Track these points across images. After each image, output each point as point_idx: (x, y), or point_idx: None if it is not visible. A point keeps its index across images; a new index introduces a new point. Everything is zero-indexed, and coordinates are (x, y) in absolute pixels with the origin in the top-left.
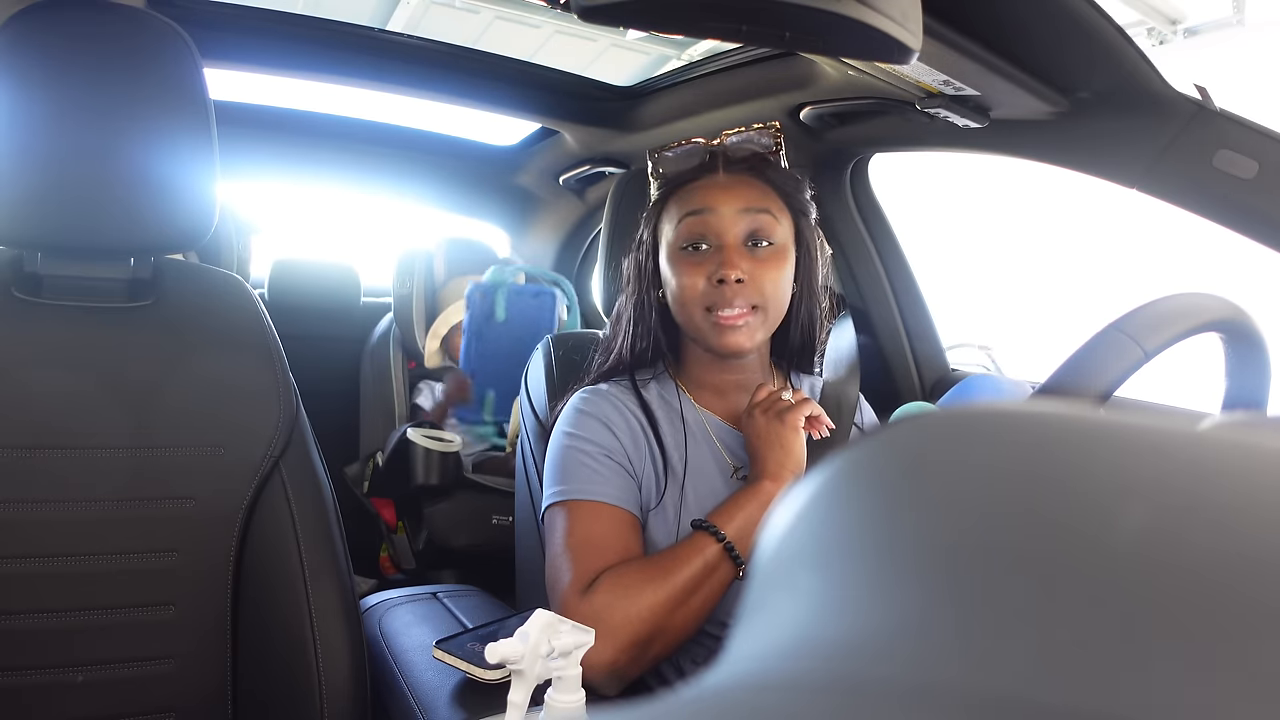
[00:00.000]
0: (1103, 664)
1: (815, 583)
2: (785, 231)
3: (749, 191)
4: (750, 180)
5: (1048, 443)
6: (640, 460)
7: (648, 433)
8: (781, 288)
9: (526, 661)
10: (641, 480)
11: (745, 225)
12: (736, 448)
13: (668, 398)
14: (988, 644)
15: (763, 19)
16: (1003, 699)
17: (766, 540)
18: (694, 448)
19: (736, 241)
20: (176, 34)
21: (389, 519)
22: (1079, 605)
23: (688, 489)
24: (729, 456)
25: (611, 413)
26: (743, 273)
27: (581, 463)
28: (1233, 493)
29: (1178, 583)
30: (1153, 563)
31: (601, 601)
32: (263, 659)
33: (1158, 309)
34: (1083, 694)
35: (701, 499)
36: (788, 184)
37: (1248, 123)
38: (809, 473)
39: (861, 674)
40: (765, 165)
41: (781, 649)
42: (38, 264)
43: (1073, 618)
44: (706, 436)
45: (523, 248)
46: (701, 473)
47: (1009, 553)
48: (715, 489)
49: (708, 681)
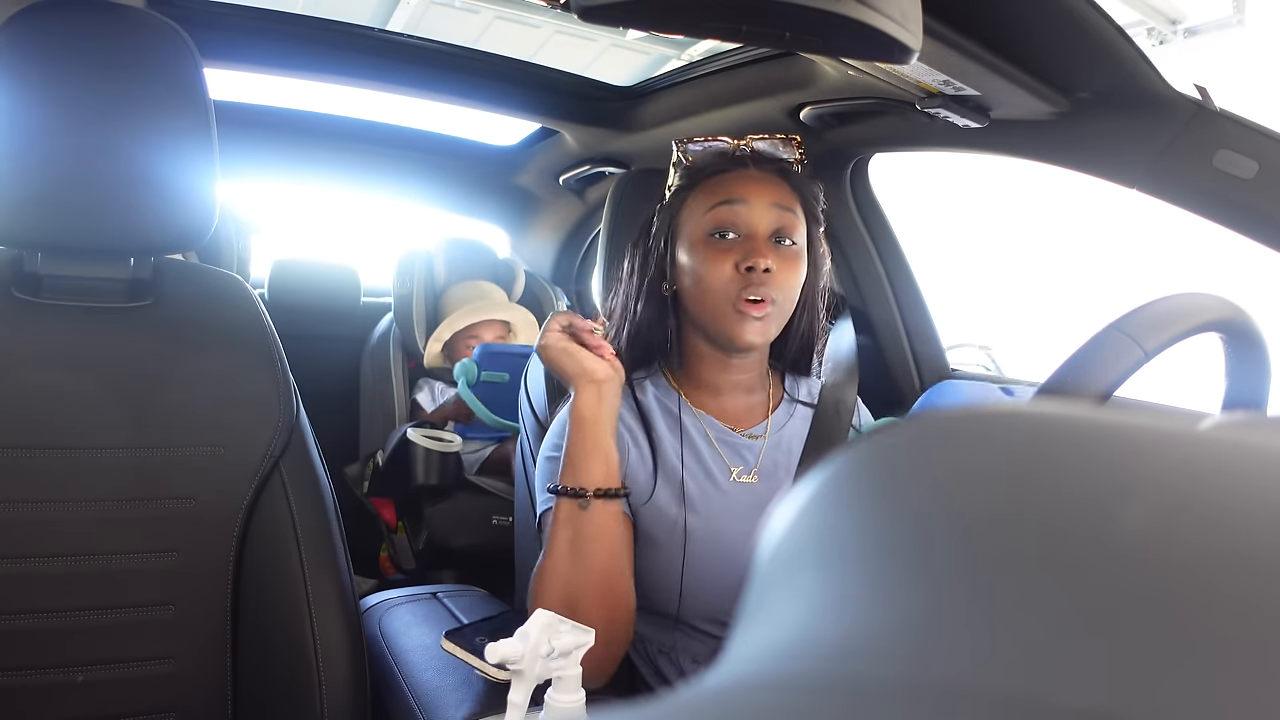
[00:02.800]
0: (1101, 663)
1: (815, 583)
2: (803, 235)
3: (778, 189)
4: (778, 180)
5: (1046, 443)
6: (624, 461)
7: (637, 435)
8: (796, 287)
9: (526, 661)
10: (627, 478)
11: (774, 220)
12: (735, 450)
13: (664, 400)
14: (986, 643)
15: (763, 19)
16: (1002, 698)
17: (766, 541)
18: (689, 451)
19: (766, 234)
20: (176, 34)
21: (389, 519)
22: (1077, 605)
23: (689, 487)
24: (727, 459)
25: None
26: (771, 264)
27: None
28: (1232, 492)
29: (1176, 582)
30: (1151, 562)
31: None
32: (263, 659)
33: (1158, 309)
34: (1081, 693)
35: (708, 498)
36: (808, 191)
37: (1248, 123)
38: (809, 473)
39: (862, 674)
40: (790, 169)
41: (781, 649)
42: (38, 264)
43: (1071, 617)
44: (705, 439)
45: (523, 248)
46: (701, 475)
47: (1008, 552)
48: (717, 489)
49: (708, 681)
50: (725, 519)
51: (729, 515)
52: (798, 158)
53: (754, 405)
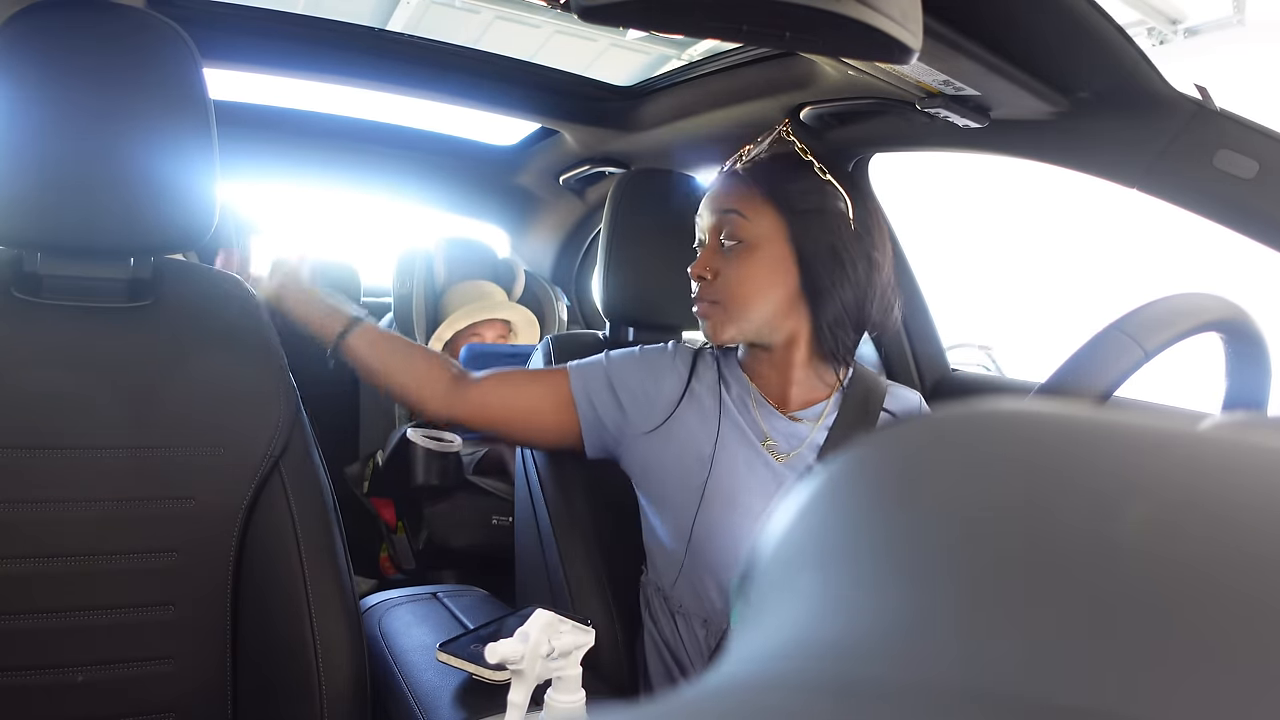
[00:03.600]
0: (1100, 662)
1: (815, 583)
2: (759, 229)
3: (727, 194)
4: (734, 182)
5: (1047, 443)
6: (634, 394)
7: (676, 379)
8: (745, 284)
9: (526, 662)
10: (622, 408)
11: (717, 225)
12: (767, 421)
13: (727, 366)
14: (987, 643)
15: (763, 19)
16: (1002, 698)
17: (766, 541)
18: (732, 420)
19: (713, 241)
20: (176, 34)
21: (389, 519)
22: (1076, 604)
23: (720, 451)
24: (763, 423)
25: (658, 358)
26: (708, 271)
27: (596, 360)
28: (1232, 492)
29: (1176, 582)
30: (1151, 562)
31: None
32: (263, 659)
33: (1158, 309)
34: (1080, 692)
35: (733, 461)
36: (775, 179)
37: (1248, 123)
38: (809, 473)
39: (862, 674)
40: (755, 164)
41: (782, 649)
42: (37, 264)
43: (1070, 617)
44: (744, 402)
45: (523, 248)
46: (735, 442)
47: (1008, 552)
48: (745, 459)
49: (708, 681)
50: (743, 489)
51: (747, 486)
52: (765, 150)
53: (807, 392)
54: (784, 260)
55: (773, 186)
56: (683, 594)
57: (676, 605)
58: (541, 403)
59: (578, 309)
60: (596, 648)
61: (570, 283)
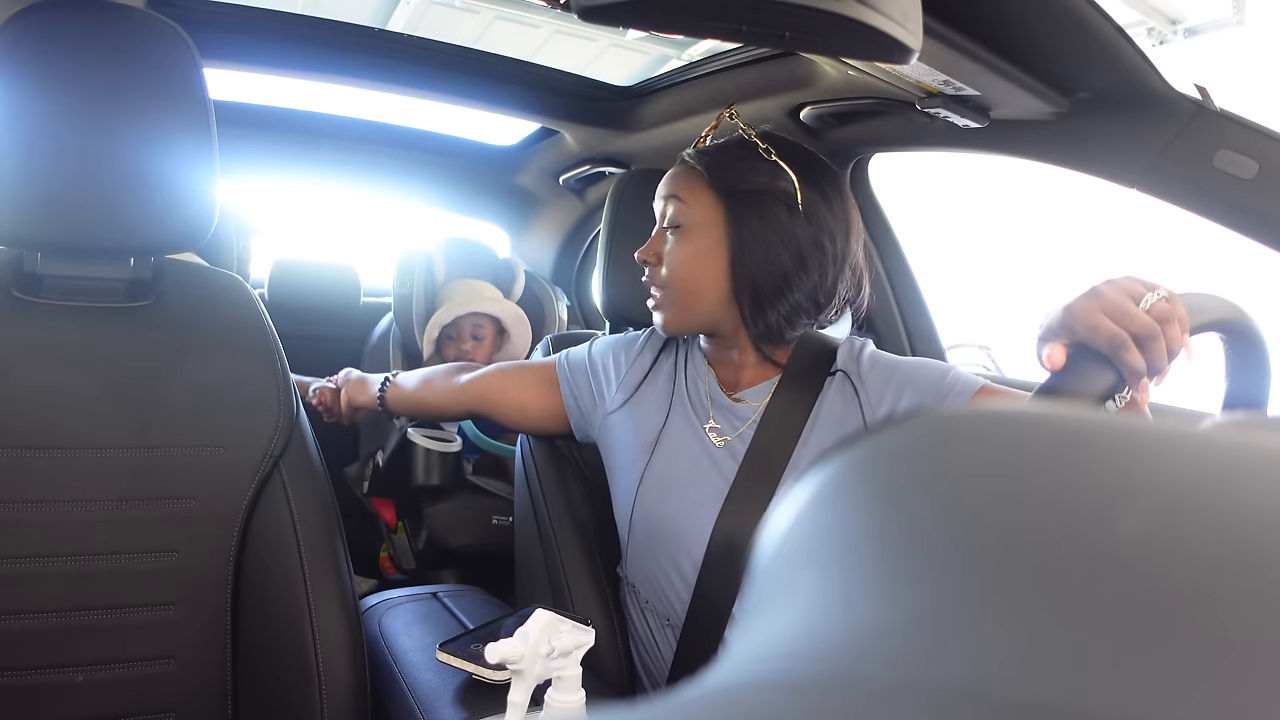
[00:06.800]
0: (1099, 664)
1: (815, 583)
2: (698, 212)
3: (672, 179)
4: (679, 168)
5: (1046, 443)
6: (604, 377)
7: (641, 364)
8: (684, 267)
9: (526, 661)
10: (594, 392)
11: (661, 212)
12: (715, 406)
13: (690, 355)
14: (986, 645)
15: (763, 19)
16: (1002, 700)
17: (766, 541)
18: (682, 401)
19: (661, 228)
20: (176, 34)
21: (389, 519)
22: (1076, 605)
23: (667, 429)
24: (711, 409)
25: (630, 343)
26: (650, 254)
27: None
28: (1233, 493)
29: (1176, 583)
30: (1151, 563)
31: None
32: (263, 659)
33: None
34: (1080, 693)
35: (674, 441)
36: (716, 163)
37: (1248, 123)
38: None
39: (862, 675)
40: (700, 150)
41: (782, 649)
42: (38, 264)
43: (1070, 618)
44: (698, 389)
45: (523, 248)
46: (681, 424)
47: (1007, 553)
48: (685, 440)
49: (708, 681)
50: (679, 473)
51: (683, 471)
52: (712, 134)
53: (758, 376)
54: (720, 242)
55: (712, 170)
56: (634, 577)
57: (637, 593)
58: (533, 389)
59: (578, 309)
60: (596, 648)
61: (570, 283)
